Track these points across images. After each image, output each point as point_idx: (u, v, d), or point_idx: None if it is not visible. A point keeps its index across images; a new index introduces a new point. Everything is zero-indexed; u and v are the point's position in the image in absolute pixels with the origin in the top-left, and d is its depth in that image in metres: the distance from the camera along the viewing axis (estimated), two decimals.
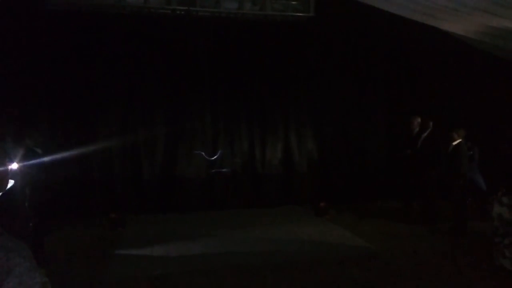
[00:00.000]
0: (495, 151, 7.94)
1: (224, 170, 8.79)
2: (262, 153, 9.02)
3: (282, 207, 8.80)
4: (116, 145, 8.29)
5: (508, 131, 8.04)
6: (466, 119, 8.35)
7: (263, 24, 8.80)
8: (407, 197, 8.47)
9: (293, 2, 8.73)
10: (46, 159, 5.95)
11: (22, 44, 7.54)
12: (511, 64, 8.57)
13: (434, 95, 9.34)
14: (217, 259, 5.68)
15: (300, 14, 8.74)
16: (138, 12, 8.23)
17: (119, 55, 8.19)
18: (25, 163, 5.42)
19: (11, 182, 4.65)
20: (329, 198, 8.47)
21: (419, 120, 7.90)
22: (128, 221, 7.47)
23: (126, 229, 7.20)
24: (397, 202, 8.71)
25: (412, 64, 9.41)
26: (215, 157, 8.75)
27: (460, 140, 6.71)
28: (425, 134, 7.63)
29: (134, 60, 8.29)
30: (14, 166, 4.90)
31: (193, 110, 8.65)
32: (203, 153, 8.63)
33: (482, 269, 5.17)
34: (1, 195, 1.62)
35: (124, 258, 5.76)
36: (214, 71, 8.73)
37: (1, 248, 1.05)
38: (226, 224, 7.56)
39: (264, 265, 5.40)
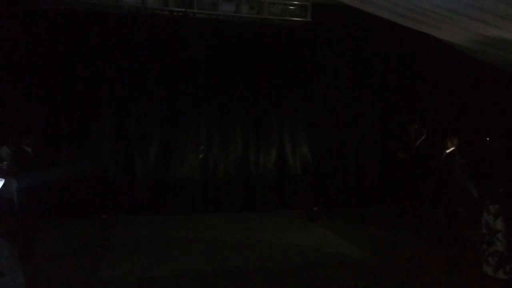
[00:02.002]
0: (488, 159, 7.96)
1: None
2: (256, 157, 9.01)
3: (275, 211, 8.79)
4: (109, 146, 8.26)
5: (495, 146, 8.06)
6: (460, 127, 8.42)
7: (260, 28, 8.81)
8: (402, 203, 8.49)
9: (291, 7, 8.75)
10: (37, 159, 5.91)
11: (16, 42, 7.48)
12: (505, 73, 8.64)
13: (429, 102, 9.40)
14: (208, 262, 5.65)
15: (297, 19, 8.76)
16: (135, 13, 8.20)
17: (114, 55, 8.16)
18: (16, 162, 5.38)
19: (1, 181, 4.60)
20: (322, 203, 8.48)
21: (416, 127, 7.93)
22: (119, 222, 7.44)
23: (117, 230, 7.15)
24: (390, 208, 8.75)
25: (407, 70, 9.46)
26: (208, 160, 8.72)
27: (453, 148, 6.74)
28: (419, 141, 7.67)
29: (130, 60, 8.26)
30: (4, 165, 4.87)
31: (187, 112, 8.63)
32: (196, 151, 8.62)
33: (469, 276, 5.20)
34: None
35: (115, 259, 5.72)
36: (210, 73, 8.72)
37: None
38: (218, 227, 7.53)
39: (255, 270, 5.39)
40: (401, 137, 8.54)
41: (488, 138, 8.45)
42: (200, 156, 8.61)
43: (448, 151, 6.77)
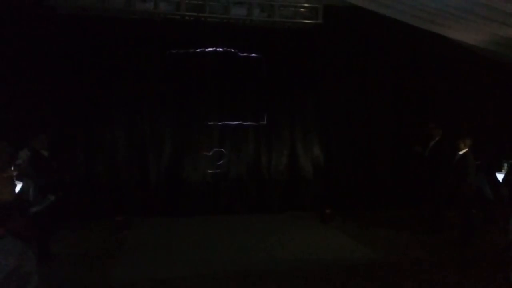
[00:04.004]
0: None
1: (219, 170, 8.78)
2: (268, 159, 9.04)
3: (287, 213, 8.80)
4: (123, 148, 8.38)
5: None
6: (474, 128, 8.33)
7: (271, 31, 8.85)
8: (417, 205, 8.38)
9: (302, 9, 8.77)
10: (53, 162, 6.02)
11: (32, 47, 7.65)
12: None
13: (442, 103, 9.32)
14: (221, 264, 5.69)
15: (308, 21, 8.77)
16: (147, 18, 8.33)
17: (127, 59, 8.28)
18: (32, 166, 5.48)
19: (19, 184, 4.68)
20: (335, 205, 8.45)
21: (431, 126, 7.78)
22: (133, 224, 7.52)
23: (131, 232, 7.24)
24: (404, 210, 8.68)
25: (419, 71, 9.39)
26: (220, 162, 8.78)
27: (466, 149, 6.67)
28: (434, 142, 7.57)
29: (143, 64, 8.37)
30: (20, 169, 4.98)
31: (200, 115, 8.70)
32: (209, 154, 8.68)
33: (493, 284, 5.07)
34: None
35: (129, 261, 5.79)
36: (222, 77, 8.78)
37: (1, 251, 1.06)
38: (231, 229, 7.57)
39: (267, 271, 5.41)
40: (416, 137, 8.40)
41: None
42: (210, 154, 8.65)
43: (461, 152, 6.70)
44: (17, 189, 4.30)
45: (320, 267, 5.60)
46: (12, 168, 3.98)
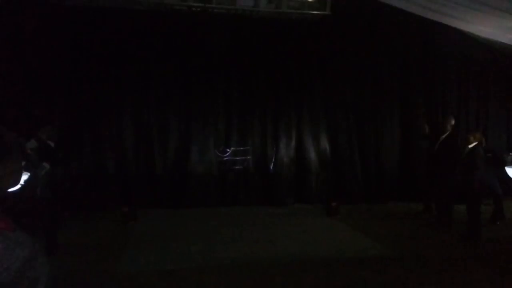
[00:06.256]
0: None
1: (237, 167, 8.82)
2: (274, 151, 9.01)
3: (293, 206, 8.79)
4: (130, 140, 8.40)
5: None
6: (483, 122, 8.22)
7: (279, 22, 8.77)
8: (425, 199, 8.32)
9: (309, 0, 8.66)
10: (59, 152, 6.04)
11: (39, 39, 7.66)
12: None
13: (450, 95, 9.22)
14: (227, 256, 5.69)
15: (316, 12, 8.67)
16: (154, 8, 8.28)
17: (134, 51, 8.27)
18: (39, 157, 5.50)
19: (26, 175, 4.70)
20: (341, 198, 8.42)
21: (452, 121, 7.62)
22: (140, 216, 7.54)
23: (137, 223, 7.27)
24: (411, 204, 8.63)
25: (428, 63, 9.28)
26: (227, 154, 8.77)
27: (475, 143, 6.59)
28: (444, 136, 7.48)
29: (149, 56, 8.36)
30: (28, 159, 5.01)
31: (207, 107, 8.69)
32: (227, 150, 8.69)
33: (502, 278, 5.01)
34: (17, 188, 1.61)
35: (135, 252, 5.81)
36: (229, 68, 8.75)
37: (8, 246, 1.04)
38: (237, 222, 7.56)
39: (273, 264, 5.39)
40: (427, 129, 8.29)
41: None
42: (216, 146, 8.66)
43: (470, 146, 6.62)
44: (24, 178, 4.33)
45: (325, 260, 5.57)
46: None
